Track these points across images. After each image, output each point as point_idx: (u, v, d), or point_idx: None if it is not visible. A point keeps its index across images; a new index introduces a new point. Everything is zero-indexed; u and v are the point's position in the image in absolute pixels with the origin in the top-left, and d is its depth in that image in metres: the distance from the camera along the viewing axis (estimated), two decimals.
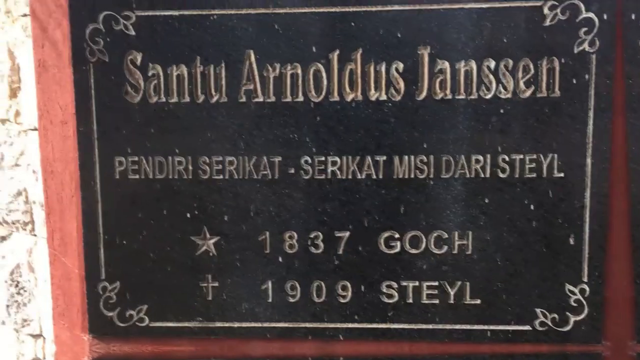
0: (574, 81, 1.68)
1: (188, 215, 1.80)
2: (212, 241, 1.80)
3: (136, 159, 1.79)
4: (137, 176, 1.79)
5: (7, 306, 2.05)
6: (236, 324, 1.83)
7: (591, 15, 1.66)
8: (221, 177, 1.78)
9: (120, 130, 1.78)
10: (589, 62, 1.67)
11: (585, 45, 1.67)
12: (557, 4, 1.66)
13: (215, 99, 1.76)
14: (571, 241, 1.73)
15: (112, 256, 1.82)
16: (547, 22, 1.67)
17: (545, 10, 1.66)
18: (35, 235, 2.01)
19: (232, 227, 1.79)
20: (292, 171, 1.77)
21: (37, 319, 2.04)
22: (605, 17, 1.65)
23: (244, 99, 1.76)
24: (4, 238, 2.08)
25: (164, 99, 1.77)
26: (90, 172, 1.80)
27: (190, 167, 1.78)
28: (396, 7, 1.70)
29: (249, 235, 1.79)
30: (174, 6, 1.74)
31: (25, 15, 1.90)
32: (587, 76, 1.67)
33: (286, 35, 1.73)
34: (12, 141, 2.02)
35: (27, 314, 2.05)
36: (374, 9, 1.70)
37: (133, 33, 1.75)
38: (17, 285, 2.04)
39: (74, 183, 1.81)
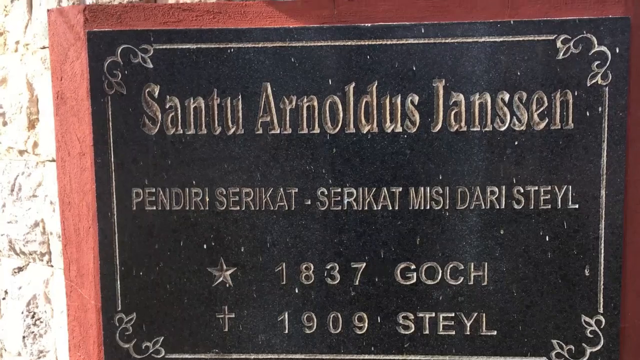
0: (588, 114, 1.70)
1: (205, 246, 1.81)
2: (228, 272, 1.81)
3: (153, 190, 1.81)
4: (154, 207, 1.81)
5: (24, 337, 2.05)
6: (252, 356, 1.83)
7: (604, 48, 1.68)
8: (238, 208, 1.79)
9: (138, 162, 1.80)
10: (602, 95, 1.69)
11: (598, 78, 1.69)
12: (569, 37, 1.68)
13: (232, 131, 1.78)
14: (586, 272, 1.73)
15: (128, 288, 1.83)
16: (560, 56, 1.69)
17: (558, 44, 1.69)
18: (52, 266, 2.02)
19: (248, 258, 1.80)
20: (309, 202, 1.78)
21: (53, 350, 2.04)
22: (617, 50, 1.68)
23: (260, 131, 1.77)
24: (20, 269, 2.09)
25: (181, 131, 1.79)
26: (107, 203, 1.81)
27: (207, 199, 1.80)
28: (411, 41, 1.72)
29: (266, 267, 1.80)
30: (191, 39, 1.76)
31: (44, 47, 1.93)
32: (600, 109, 1.69)
33: (302, 68, 1.75)
34: (29, 172, 2.03)
35: (43, 345, 2.04)
36: (389, 42, 1.73)
37: (151, 66, 1.78)
38: (33, 317, 2.04)
39: (91, 214, 1.83)
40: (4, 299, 2.14)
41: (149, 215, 1.81)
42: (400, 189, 1.76)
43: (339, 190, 1.78)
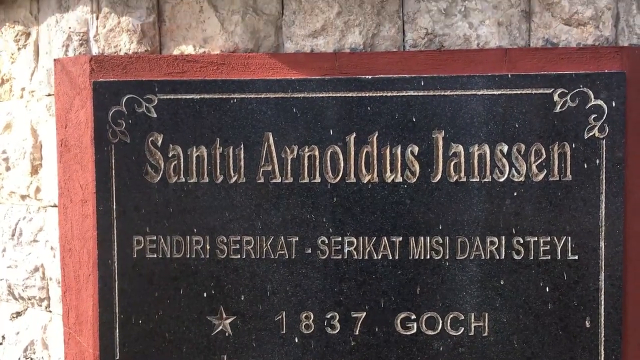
0: (585, 166, 1.72)
1: (204, 294, 1.80)
2: (228, 321, 1.80)
3: (154, 238, 1.81)
4: (155, 255, 1.81)
5: None
6: None
7: (600, 102, 1.71)
8: (238, 256, 1.80)
9: (140, 210, 1.81)
10: (600, 148, 1.71)
11: (595, 131, 1.72)
12: (566, 91, 1.72)
13: (233, 179, 1.80)
14: (587, 324, 1.73)
15: (127, 336, 1.81)
16: (558, 109, 1.72)
17: (556, 97, 1.72)
18: (50, 311, 2.01)
19: (248, 307, 1.79)
20: (309, 251, 1.79)
21: None
22: (613, 104, 1.71)
23: (262, 180, 1.79)
24: (19, 314, 2.08)
25: (183, 179, 1.81)
26: (108, 251, 1.82)
27: (208, 247, 1.80)
28: (411, 93, 1.76)
29: (265, 315, 1.79)
30: (195, 90, 1.79)
31: (49, 95, 1.96)
32: (598, 161, 1.72)
33: (304, 119, 1.78)
34: (31, 217, 2.04)
35: None
36: (389, 94, 1.76)
37: (155, 115, 1.81)
38: None
39: (91, 262, 1.83)
40: (1, 344, 2.12)
41: (150, 263, 1.81)
42: (401, 238, 1.77)
43: (340, 239, 1.78)
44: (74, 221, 1.86)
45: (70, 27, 1.89)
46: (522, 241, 1.74)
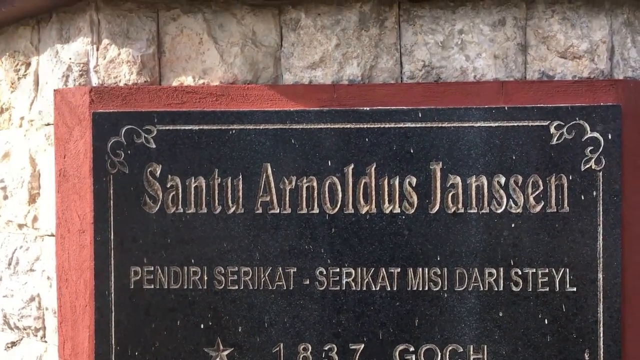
0: (583, 197, 1.73)
1: (202, 326, 1.79)
2: (225, 353, 1.79)
3: (152, 268, 1.81)
4: (152, 286, 1.80)
5: None
6: None
7: (596, 134, 1.73)
8: (236, 287, 1.79)
9: (137, 240, 1.81)
10: (596, 180, 1.72)
11: (592, 164, 1.73)
12: (562, 124, 1.73)
13: (232, 210, 1.80)
14: (586, 356, 1.72)
15: None
16: (554, 141, 1.74)
17: (552, 130, 1.74)
18: (46, 342, 1.99)
19: (246, 339, 1.78)
20: (307, 282, 1.78)
21: None
22: (610, 137, 1.72)
23: (260, 211, 1.79)
24: (14, 343, 2.06)
25: (181, 210, 1.81)
26: (105, 282, 1.81)
27: (206, 277, 1.80)
28: (408, 124, 1.77)
29: (263, 347, 1.78)
30: (194, 121, 1.80)
31: (48, 124, 1.97)
32: (595, 193, 1.72)
33: (302, 150, 1.79)
34: (28, 246, 2.03)
35: None
36: (387, 125, 1.77)
37: (154, 146, 1.81)
38: None
39: (88, 292, 1.82)
40: None
41: (147, 294, 1.80)
42: (399, 269, 1.77)
43: (338, 270, 1.78)
44: (71, 251, 1.85)
45: (70, 58, 1.91)
46: (520, 273, 1.74)
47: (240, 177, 1.80)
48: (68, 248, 1.86)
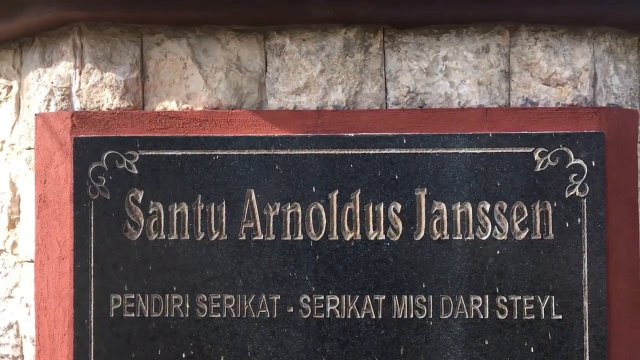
0: (567, 224, 1.72)
1: (183, 355, 1.76)
2: None
3: (132, 296, 1.77)
4: (133, 314, 1.77)
5: None
6: None
7: (580, 162, 1.73)
8: (219, 315, 1.76)
9: (118, 268, 1.78)
10: (581, 207, 1.72)
11: (576, 190, 1.73)
12: (546, 151, 1.73)
13: (215, 236, 1.78)
14: None
15: None
16: (538, 168, 1.74)
17: (536, 157, 1.74)
18: None
19: None
20: (291, 310, 1.75)
21: None
22: (593, 164, 1.72)
23: (244, 237, 1.77)
24: None
25: (163, 236, 1.78)
26: (85, 310, 1.77)
27: (188, 305, 1.77)
28: (393, 151, 1.76)
29: None
30: (177, 146, 1.79)
31: (29, 148, 1.94)
32: (579, 220, 1.72)
33: (287, 176, 1.77)
34: (7, 272, 1.99)
35: None
36: (371, 151, 1.77)
37: (136, 171, 1.79)
38: None
39: (67, 321, 1.78)
40: None
41: (127, 322, 1.77)
42: (384, 297, 1.75)
43: (322, 297, 1.76)
44: (50, 278, 1.81)
45: (52, 82, 1.89)
46: (506, 300, 1.73)
47: (224, 203, 1.78)
48: (47, 275, 1.82)
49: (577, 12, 1.78)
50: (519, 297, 1.73)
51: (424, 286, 1.74)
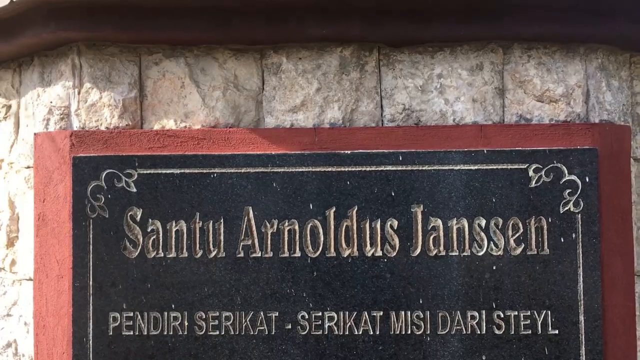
0: (562, 240, 1.74)
1: None
2: None
3: (131, 314, 1.78)
4: (131, 332, 1.77)
5: None
6: None
7: (574, 177, 1.75)
8: (217, 332, 1.77)
9: (117, 286, 1.78)
10: (575, 222, 1.74)
11: (570, 206, 1.75)
12: (541, 167, 1.75)
13: (213, 254, 1.79)
14: None
15: None
16: (533, 184, 1.76)
17: (530, 173, 1.76)
18: None
19: None
20: (289, 327, 1.76)
21: None
22: (587, 179, 1.74)
23: (241, 254, 1.78)
24: None
25: (162, 254, 1.79)
26: (83, 328, 1.78)
27: (186, 323, 1.77)
28: (389, 168, 1.78)
29: None
30: (176, 165, 1.80)
31: (28, 167, 1.95)
32: (574, 235, 1.74)
33: (284, 193, 1.79)
34: (5, 290, 2.00)
35: None
36: (368, 168, 1.78)
37: (134, 190, 1.80)
38: None
39: (65, 339, 1.78)
40: None
41: (126, 340, 1.77)
42: (381, 313, 1.76)
43: (320, 314, 1.77)
44: (49, 297, 1.82)
45: (51, 102, 1.91)
46: (502, 315, 1.74)
47: (222, 220, 1.79)
48: (46, 293, 1.83)
49: (569, 30, 1.81)
50: (516, 312, 1.74)
51: (421, 302, 1.75)
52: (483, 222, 1.76)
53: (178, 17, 1.78)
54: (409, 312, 1.75)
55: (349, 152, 1.79)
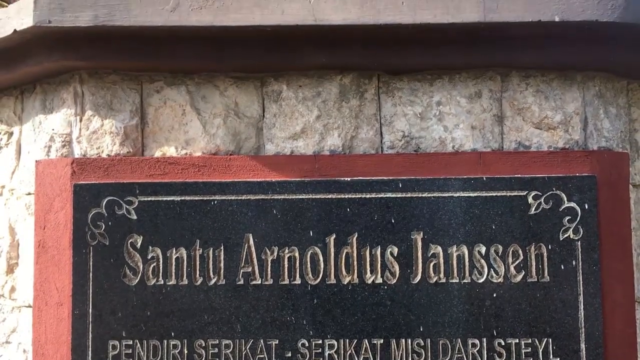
0: (562, 267, 1.74)
1: None
2: None
3: (130, 342, 1.77)
4: None
5: None
6: None
7: (573, 204, 1.75)
8: None
9: (116, 313, 1.78)
10: (575, 249, 1.74)
11: (570, 233, 1.75)
12: (540, 194, 1.76)
13: (213, 281, 1.79)
14: None
15: None
16: (532, 211, 1.76)
17: (530, 200, 1.76)
18: None
19: None
20: (289, 355, 1.75)
21: None
22: (586, 207, 1.75)
23: (242, 282, 1.78)
24: None
25: (162, 282, 1.79)
26: (82, 356, 1.76)
27: (186, 351, 1.76)
28: (389, 195, 1.79)
29: None
30: (176, 192, 1.81)
31: (29, 194, 1.96)
32: (574, 262, 1.74)
33: (284, 220, 1.79)
34: (4, 317, 1.99)
35: None
36: (368, 195, 1.79)
37: (135, 217, 1.81)
38: None
39: None
40: None
41: None
42: (382, 340, 1.75)
43: (320, 342, 1.76)
44: (48, 324, 1.81)
45: (53, 129, 1.92)
46: (503, 343, 1.73)
47: (222, 247, 1.79)
48: (45, 321, 1.82)
49: (567, 57, 1.83)
50: (517, 340, 1.73)
51: (421, 329, 1.75)
52: (483, 249, 1.76)
53: (179, 46, 1.80)
54: (410, 340, 1.75)
55: (349, 179, 1.80)
